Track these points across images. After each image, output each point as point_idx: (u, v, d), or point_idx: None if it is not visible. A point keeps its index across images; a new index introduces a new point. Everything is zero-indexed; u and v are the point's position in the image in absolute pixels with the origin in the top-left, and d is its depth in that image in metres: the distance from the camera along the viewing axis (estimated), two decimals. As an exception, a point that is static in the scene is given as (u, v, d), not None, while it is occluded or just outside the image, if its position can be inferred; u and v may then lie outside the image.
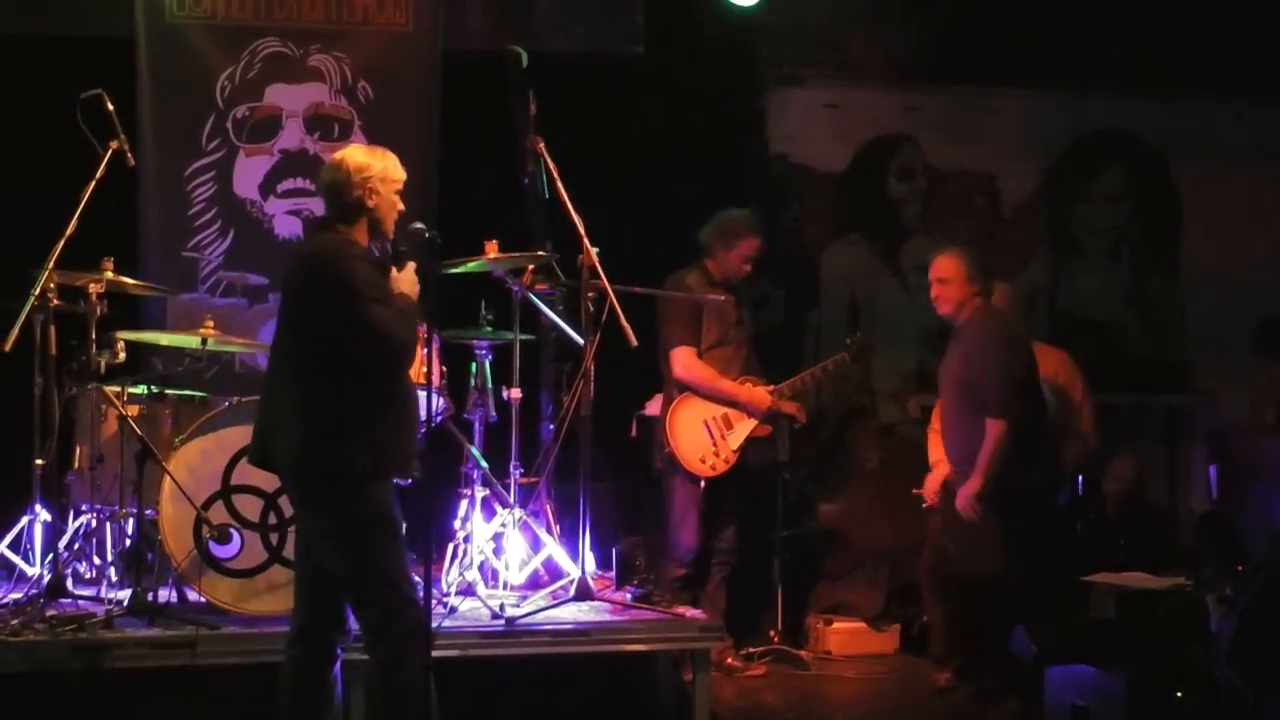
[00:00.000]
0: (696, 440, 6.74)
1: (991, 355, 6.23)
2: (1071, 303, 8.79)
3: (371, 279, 4.70)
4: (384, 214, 4.85)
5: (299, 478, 4.83)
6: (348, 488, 4.68)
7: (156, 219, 7.68)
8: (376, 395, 4.70)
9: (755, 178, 8.65)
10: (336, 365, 4.67)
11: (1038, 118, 8.88)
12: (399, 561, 4.74)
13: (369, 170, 4.83)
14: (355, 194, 4.81)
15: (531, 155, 6.44)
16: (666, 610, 6.20)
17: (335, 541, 4.75)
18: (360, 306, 4.61)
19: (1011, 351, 6.32)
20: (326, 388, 4.68)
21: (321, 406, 4.68)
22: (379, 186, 4.82)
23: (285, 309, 4.87)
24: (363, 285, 4.64)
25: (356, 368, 4.67)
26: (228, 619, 5.75)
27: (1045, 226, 8.97)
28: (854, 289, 8.76)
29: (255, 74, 7.80)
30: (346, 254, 4.73)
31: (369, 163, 4.85)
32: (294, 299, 4.85)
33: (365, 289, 4.64)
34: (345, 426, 4.67)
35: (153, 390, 6.39)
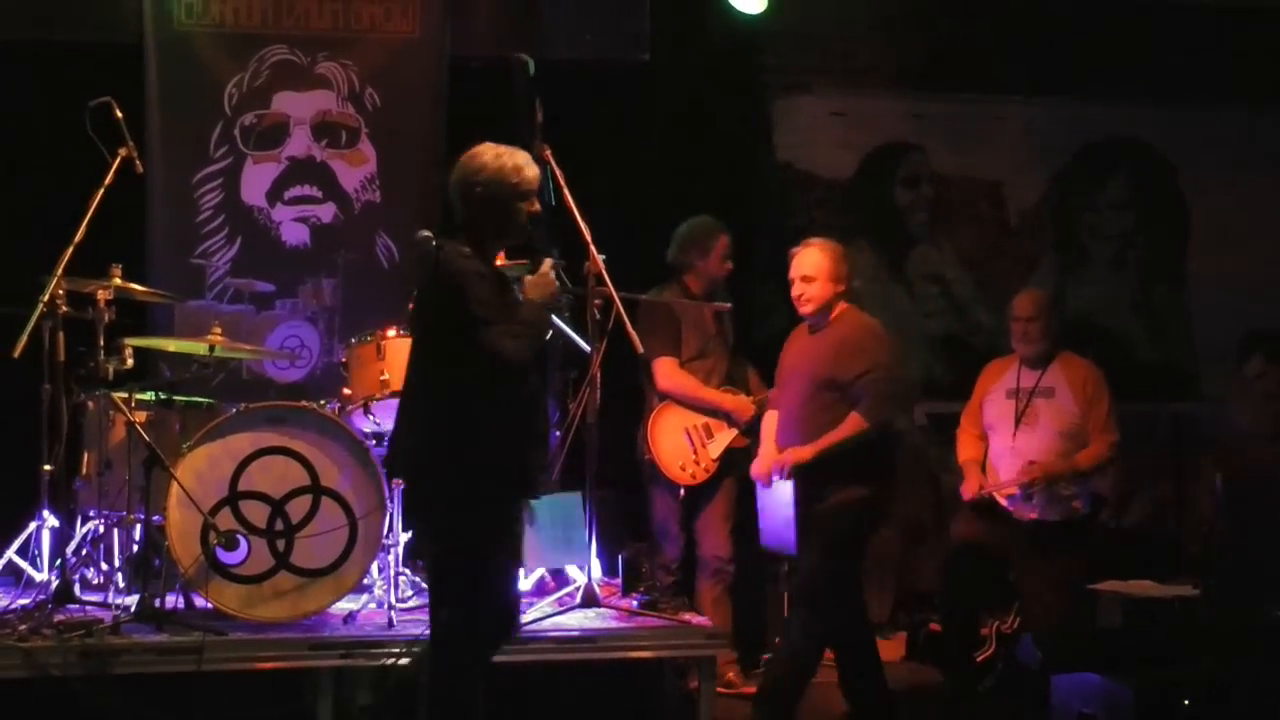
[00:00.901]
0: (677, 448, 6.76)
1: (870, 359, 6.13)
2: (1078, 311, 8.77)
3: (483, 296, 4.62)
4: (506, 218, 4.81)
5: (409, 490, 4.94)
6: (443, 508, 4.69)
7: (164, 226, 7.70)
8: (482, 414, 4.64)
9: (762, 185, 8.66)
10: (444, 382, 4.67)
11: (1045, 125, 8.89)
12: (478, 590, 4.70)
13: (484, 174, 4.76)
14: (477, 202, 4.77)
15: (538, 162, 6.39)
16: (672, 617, 6.21)
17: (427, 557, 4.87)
18: (471, 328, 4.57)
19: (891, 359, 6.25)
20: (439, 404, 4.68)
21: (432, 422, 4.69)
22: (497, 191, 4.76)
23: (413, 319, 4.93)
24: (475, 304, 4.58)
25: (463, 386, 4.64)
26: (234, 625, 5.77)
27: (1052, 234, 8.97)
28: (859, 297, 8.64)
29: (263, 81, 7.82)
30: (464, 269, 4.65)
31: (484, 164, 4.78)
32: (418, 312, 4.91)
33: (477, 308, 4.58)
34: (448, 446, 4.65)
35: (160, 396, 6.42)
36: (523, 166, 4.74)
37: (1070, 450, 6.57)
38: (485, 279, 4.65)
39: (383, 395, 6.28)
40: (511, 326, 4.63)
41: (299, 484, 5.96)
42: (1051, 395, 6.66)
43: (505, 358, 4.59)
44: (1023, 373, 6.75)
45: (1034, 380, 6.70)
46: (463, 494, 4.62)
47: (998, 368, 6.90)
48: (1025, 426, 6.66)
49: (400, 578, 6.15)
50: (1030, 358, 6.74)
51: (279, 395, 6.96)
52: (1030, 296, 6.85)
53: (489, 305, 4.59)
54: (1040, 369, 6.70)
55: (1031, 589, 6.60)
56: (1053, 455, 6.56)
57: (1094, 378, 6.68)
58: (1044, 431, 6.64)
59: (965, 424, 6.93)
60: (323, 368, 7.61)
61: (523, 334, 4.64)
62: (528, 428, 4.74)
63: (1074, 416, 6.61)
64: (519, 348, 4.61)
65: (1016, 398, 6.72)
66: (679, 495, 6.81)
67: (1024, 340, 6.75)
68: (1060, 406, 6.64)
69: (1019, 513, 6.54)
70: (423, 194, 7.67)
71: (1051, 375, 6.71)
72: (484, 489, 4.64)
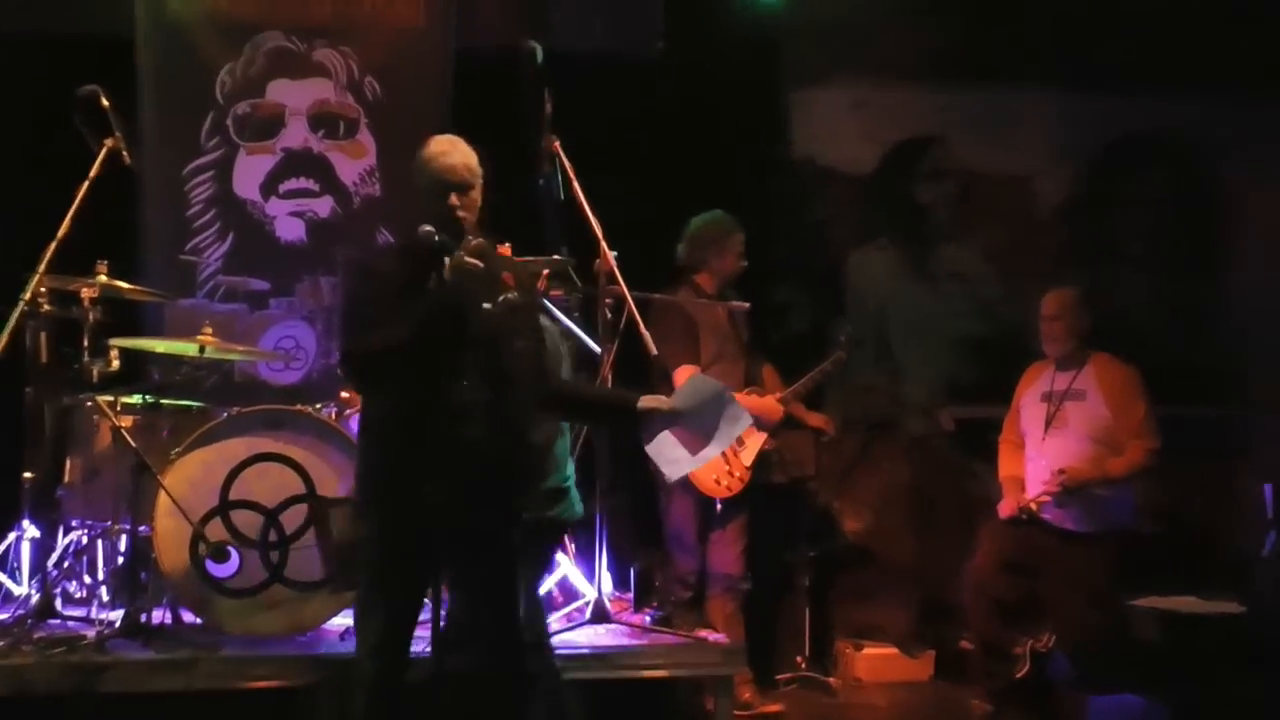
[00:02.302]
0: (710, 461, 6.61)
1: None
2: (1111, 311, 8.66)
3: (355, 291, 4.50)
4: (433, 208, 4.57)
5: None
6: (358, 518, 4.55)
7: (153, 220, 7.62)
8: (367, 422, 4.56)
9: (779, 181, 8.59)
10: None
11: (1076, 117, 8.79)
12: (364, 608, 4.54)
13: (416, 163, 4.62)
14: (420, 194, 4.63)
15: (547, 156, 6.33)
16: (687, 634, 6.14)
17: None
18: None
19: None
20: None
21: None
22: (415, 179, 4.61)
23: None
24: (343, 300, 4.51)
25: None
26: (225, 641, 5.70)
27: (1083, 231, 8.89)
28: (882, 297, 8.68)
29: (257, 69, 7.75)
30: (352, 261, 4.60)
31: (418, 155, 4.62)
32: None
33: (344, 304, 4.52)
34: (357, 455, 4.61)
35: (148, 400, 6.34)
36: (440, 155, 4.57)
37: (1102, 456, 6.54)
38: (367, 273, 4.52)
39: (382, 399, 6.19)
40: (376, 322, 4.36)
41: (294, 493, 5.89)
42: (1083, 398, 6.65)
43: (343, 358, 4.48)
44: (1057, 375, 6.77)
45: (1067, 383, 6.69)
46: (357, 508, 4.53)
47: (1035, 371, 6.93)
48: (1055, 430, 6.66)
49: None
50: (1059, 359, 6.74)
51: (273, 399, 6.89)
52: (1055, 295, 6.85)
53: (356, 303, 4.47)
54: (1074, 371, 6.65)
55: (1064, 603, 6.53)
56: (1082, 460, 6.49)
57: (1128, 380, 6.64)
58: (1073, 436, 6.62)
59: (1006, 431, 6.98)
60: (319, 370, 7.54)
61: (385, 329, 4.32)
62: (404, 439, 4.39)
63: (1105, 420, 6.57)
64: (359, 344, 4.36)
65: (1049, 401, 6.71)
66: (701, 505, 6.75)
67: (1050, 340, 6.78)
68: (1091, 410, 6.61)
69: (1055, 520, 6.48)
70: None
71: (1084, 377, 6.69)
72: (365, 509, 4.53)
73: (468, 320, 4.32)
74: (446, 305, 4.28)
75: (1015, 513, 6.58)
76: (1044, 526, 6.54)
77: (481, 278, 4.34)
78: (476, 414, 4.32)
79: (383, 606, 4.46)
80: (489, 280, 4.38)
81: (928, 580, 7.73)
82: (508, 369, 4.38)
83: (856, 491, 8.24)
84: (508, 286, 4.46)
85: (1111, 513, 6.55)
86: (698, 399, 4.72)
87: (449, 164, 4.49)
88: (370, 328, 4.33)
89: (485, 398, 4.33)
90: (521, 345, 4.49)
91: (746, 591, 6.84)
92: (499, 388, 4.35)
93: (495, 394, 4.33)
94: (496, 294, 4.42)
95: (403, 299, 4.33)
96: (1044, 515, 6.53)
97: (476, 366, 4.32)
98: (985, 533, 6.76)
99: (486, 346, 4.35)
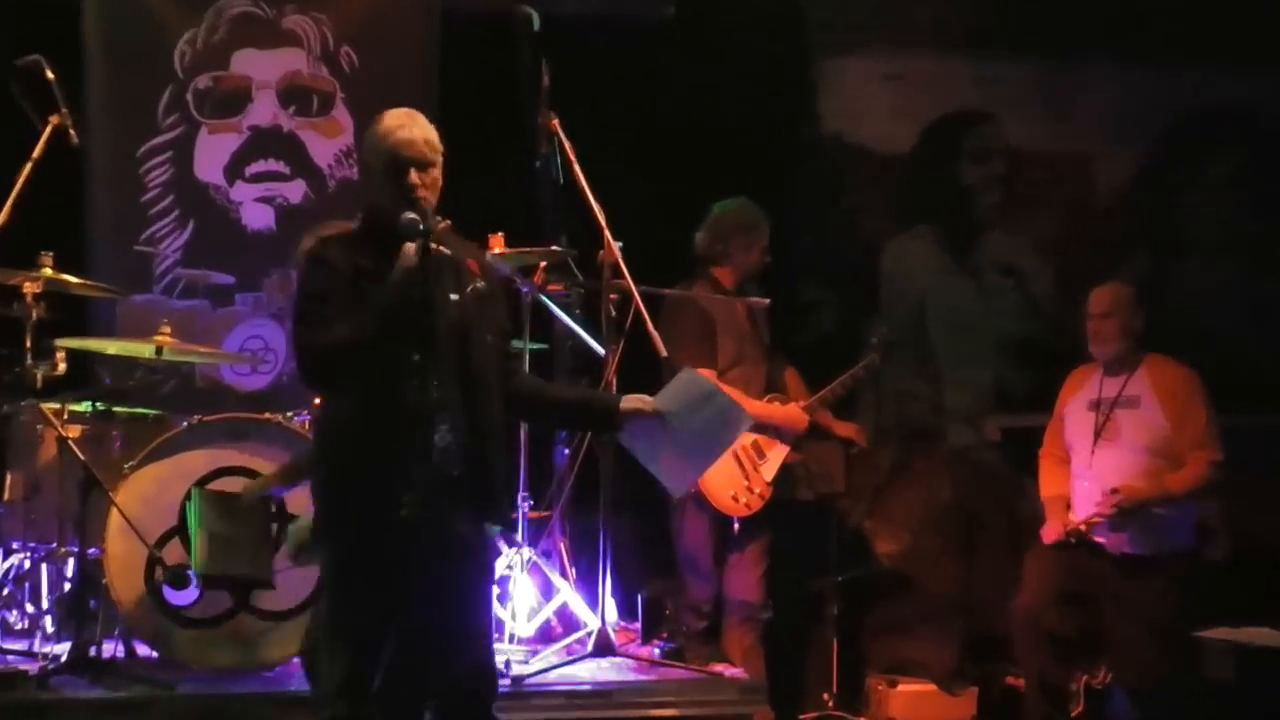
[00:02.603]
0: (726, 475, 6.63)
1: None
2: (1178, 308, 8.69)
3: (311, 285, 4.44)
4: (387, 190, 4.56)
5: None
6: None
7: (104, 207, 7.66)
8: (322, 426, 4.59)
9: (803, 161, 8.62)
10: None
11: (1139, 89, 8.81)
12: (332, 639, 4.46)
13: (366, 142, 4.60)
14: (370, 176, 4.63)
15: (544, 135, 6.37)
16: (701, 669, 6.16)
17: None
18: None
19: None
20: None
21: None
22: (368, 158, 4.60)
23: None
24: (297, 295, 4.46)
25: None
26: (184, 678, 5.70)
27: (1147, 219, 8.91)
28: (920, 292, 8.70)
29: (220, 38, 7.78)
30: (304, 253, 4.58)
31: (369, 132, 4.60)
32: None
33: (298, 301, 4.44)
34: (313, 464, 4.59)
35: (99, 408, 6.35)
36: (396, 128, 4.55)
37: (1159, 470, 6.52)
38: (322, 265, 4.45)
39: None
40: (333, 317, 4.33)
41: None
42: (1136, 405, 6.61)
43: (300, 355, 4.43)
44: (1105, 381, 6.72)
45: (1117, 388, 6.66)
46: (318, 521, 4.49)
47: (1080, 376, 6.89)
48: (1105, 442, 6.62)
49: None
50: (1109, 361, 6.71)
51: (239, 406, 6.90)
52: (1106, 290, 6.81)
53: (312, 296, 4.42)
54: (1125, 375, 6.65)
55: (1123, 636, 6.53)
56: (1136, 476, 6.50)
57: (1187, 384, 6.62)
58: (1126, 448, 6.58)
59: (1048, 445, 6.93)
60: (290, 374, 7.49)
61: (343, 324, 4.29)
62: (367, 446, 4.37)
63: (1162, 430, 6.55)
64: (314, 340, 4.33)
65: (1097, 410, 6.67)
66: (717, 524, 6.70)
67: (1098, 340, 6.72)
68: (1146, 418, 6.58)
69: (1110, 545, 6.48)
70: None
71: (1137, 382, 6.66)
72: (325, 527, 4.48)
73: (433, 313, 4.32)
74: (410, 296, 4.27)
75: (1061, 537, 6.57)
76: (1097, 551, 6.51)
77: (447, 266, 4.36)
78: (445, 416, 4.32)
79: (349, 638, 4.41)
80: (455, 269, 4.40)
81: (971, 610, 7.73)
82: (477, 366, 4.38)
83: (891, 510, 8.25)
84: (474, 275, 4.46)
85: (1172, 533, 6.52)
86: (687, 398, 4.66)
87: (407, 137, 4.48)
88: (327, 323, 4.32)
89: (454, 397, 4.33)
90: (491, 340, 4.48)
91: (767, 621, 6.83)
92: (468, 386, 4.34)
93: (464, 393, 4.33)
94: (464, 283, 4.43)
95: (363, 290, 4.32)
96: (1096, 538, 6.51)
97: (443, 364, 4.32)
98: (1033, 559, 6.74)
99: (454, 341, 4.35)
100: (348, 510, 4.36)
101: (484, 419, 4.37)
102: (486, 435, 4.36)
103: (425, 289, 4.28)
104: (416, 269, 4.26)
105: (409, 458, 4.24)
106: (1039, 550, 6.69)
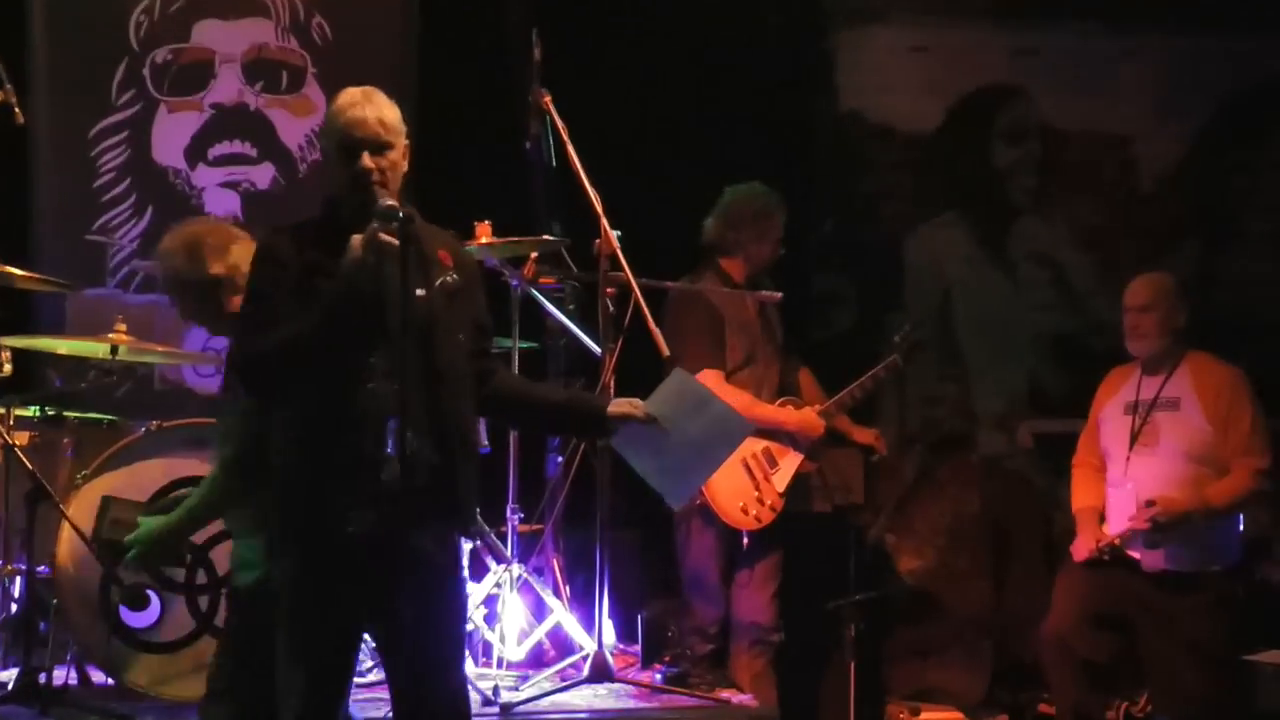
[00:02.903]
0: (735, 485, 6.67)
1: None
2: (1229, 301, 8.73)
3: (257, 283, 4.45)
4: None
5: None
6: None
7: (52, 193, 7.73)
8: (280, 434, 4.48)
9: (820, 141, 8.69)
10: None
11: (1189, 64, 8.86)
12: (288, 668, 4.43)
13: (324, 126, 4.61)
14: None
15: (536, 113, 6.38)
16: (707, 695, 6.20)
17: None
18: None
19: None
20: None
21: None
22: (322, 141, 4.64)
23: None
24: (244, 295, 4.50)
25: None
26: (143, 707, 5.74)
27: (1196, 203, 8.95)
28: (947, 284, 8.76)
29: (180, 7, 7.84)
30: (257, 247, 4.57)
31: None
32: None
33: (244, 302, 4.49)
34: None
35: (48, 412, 6.39)
36: (348, 107, 4.59)
37: (1201, 479, 6.49)
38: (266, 261, 4.47)
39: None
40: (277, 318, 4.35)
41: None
42: (1176, 408, 6.59)
43: (237, 360, 4.52)
44: (1144, 381, 6.70)
45: (1155, 390, 6.65)
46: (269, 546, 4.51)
47: (1118, 377, 6.85)
48: (1142, 448, 6.59)
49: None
50: (1148, 360, 6.69)
51: (201, 410, 6.90)
52: (1146, 280, 6.76)
53: (255, 295, 4.44)
54: (1164, 375, 6.67)
55: (1164, 661, 6.54)
56: (1176, 485, 6.48)
57: (1232, 385, 6.60)
58: (1165, 455, 6.55)
59: (1082, 452, 6.89)
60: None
61: (284, 326, 4.31)
62: (320, 457, 4.38)
63: (1205, 435, 6.54)
64: (252, 343, 4.36)
65: (1134, 413, 6.66)
66: (724, 539, 6.73)
67: (1137, 336, 6.68)
68: (1187, 421, 6.56)
69: (1148, 563, 6.52)
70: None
71: (1177, 383, 6.63)
72: (279, 544, 4.49)
73: (386, 309, 4.32)
74: (360, 292, 4.28)
75: (1094, 553, 6.55)
76: (1134, 568, 6.54)
77: (411, 257, 4.38)
78: (407, 421, 4.34)
79: (305, 666, 4.39)
80: (421, 261, 4.40)
81: (1001, 632, 7.73)
82: (444, 366, 4.37)
83: (915, 523, 8.26)
84: (445, 267, 4.46)
85: (1217, 548, 6.51)
86: (680, 403, 4.65)
87: (359, 116, 4.44)
88: (269, 324, 4.33)
89: (417, 401, 4.34)
90: (462, 338, 4.48)
91: (779, 644, 6.85)
92: (434, 389, 4.32)
93: (429, 396, 4.31)
94: (432, 277, 4.43)
95: (314, 288, 4.33)
96: (1131, 554, 6.52)
97: (405, 365, 4.33)
98: (1064, 578, 6.72)
99: (418, 340, 4.32)
100: (296, 528, 4.38)
101: (450, 424, 4.37)
102: (453, 442, 4.35)
103: (379, 283, 4.32)
104: (366, 261, 4.32)
105: (358, 468, 4.29)
106: (1070, 569, 6.65)
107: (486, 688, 5.99)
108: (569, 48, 6.60)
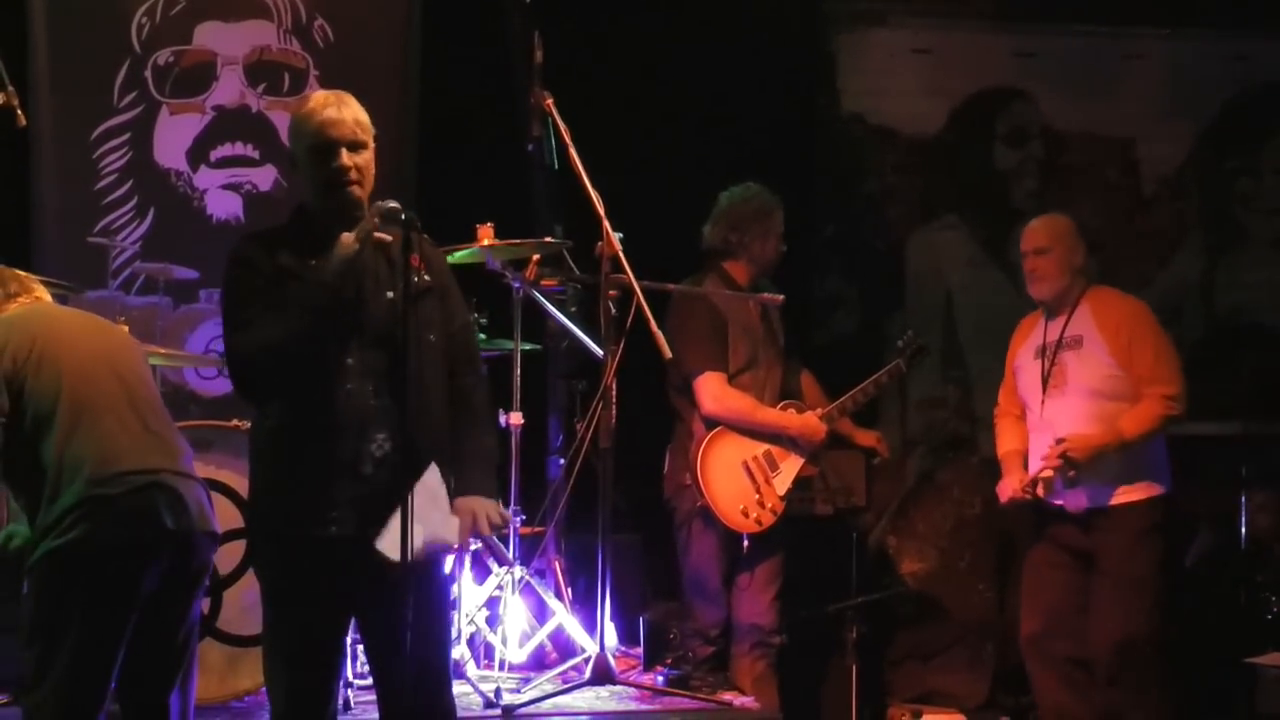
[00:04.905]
0: (736, 488, 6.71)
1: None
2: (1233, 305, 8.75)
3: (237, 290, 4.53)
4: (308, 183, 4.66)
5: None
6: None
7: (53, 195, 7.75)
8: (260, 436, 4.56)
9: (822, 143, 8.68)
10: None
11: (1192, 66, 8.86)
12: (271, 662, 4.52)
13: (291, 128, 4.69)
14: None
15: (537, 115, 6.38)
16: (708, 698, 6.22)
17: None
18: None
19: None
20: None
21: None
22: (291, 145, 4.68)
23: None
24: (224, 302, 4.57)
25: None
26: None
27: (1199, 206, 8.94)
28: (950, 288, 8.78)
29: (182, 9, 7.86)
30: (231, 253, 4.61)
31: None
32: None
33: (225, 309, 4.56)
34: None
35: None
36: (322, 107, 4.62)
37: (1114, 413, 6.36)
38: (241, 266, 4.54)
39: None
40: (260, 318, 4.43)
41: (228, 526, 5.70)
42: (1080, 345, 6.48)
43: (231, 362, 4.54)
44: (1049, 325, 6.58)
45: (1059, 331, 6.54)
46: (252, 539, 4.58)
47: (1028, 324, 6.76)
48: (1054, 390, 6.50)
49: (358, 646, 6.14)
50: (1051, 302, 6.57)
51: (203, 413, 6.98)
52: (1041, 223, 6.66)
53: (237, 300, 4.50)
54: (1065, 315, 6.55)
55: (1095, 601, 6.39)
56: (1087, 423, 6.36)
57: (1133, 315, 6.48)
58: (1075, 394, 6.45)
59: (1002, 403, 6.82)
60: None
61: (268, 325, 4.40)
62: (298, 458, 4.45)
63: (1110, 369, 6.41)
64: (245, 344, 4.44)
65: (1043, 356, 6.57)
66: (726, 543, 6.74)
67: (1035, 279, 6.56)
68: (1091, 358, 6.45)
69: (1070, 504, 6.38)
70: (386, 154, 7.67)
71: (1079, 321, 6.52)
72: (259, 546, 4.58)
73: (365, 310, 4.40)
74: (337, 292, 4.35)
75: (1018, 494, 6.46)
76: (1063, 520, 6.42)
77: (381, 260, 4.44)
78: (381, 424, 4.40)
79: (286, 666, 4.47)
80: (390, 263, 4.44)
81: (1004, 635, 7.71)
82: (414, 369, 4.37)
83: (917, 526, 8.29)
84: (416, 270, 4.43)
85: (1136, 477, 6.35)
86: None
87: (334, 116, 4.54)
88: (257, 326, 4.39)
89: (391, 404, 4.37)
90: (434, 339, 4.52)
91: (780, 647, 6.87)
92: (405, 391, 4.32)
93: (401, 399, 4.32)
94: (405, 279, 4.42)
95: (291, 288, 4.41)
96: (1055, 501, 6.42)
97: (377, 367, 4.39)
98: (1024, 582, 6.63)
99: (387, 343, 4.36)
100: (275, 527, 4.43)
101: (423, 427, 4.40)
102: (426, 445, 4.39)
103: (361, 285, 4.37)
104: (358, 257, 4.36)
105: (338, 470, 4.35)
106: (1028, 566, 6.60)
107: (488, 690, 6.01)
108: (570, 50, 6.60)
